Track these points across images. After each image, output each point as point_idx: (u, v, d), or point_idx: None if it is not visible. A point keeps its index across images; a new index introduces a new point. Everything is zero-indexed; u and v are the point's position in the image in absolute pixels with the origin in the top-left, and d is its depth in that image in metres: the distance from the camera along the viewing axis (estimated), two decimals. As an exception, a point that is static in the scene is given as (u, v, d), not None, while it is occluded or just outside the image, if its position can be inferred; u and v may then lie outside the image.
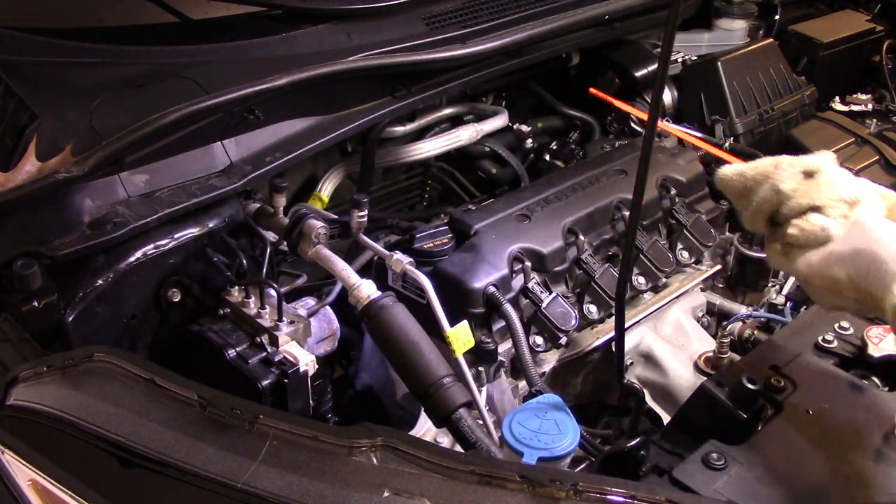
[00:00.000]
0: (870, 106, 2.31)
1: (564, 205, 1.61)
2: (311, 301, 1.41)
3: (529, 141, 2.07)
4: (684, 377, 1.53)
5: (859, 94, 2.37)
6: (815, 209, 1.03)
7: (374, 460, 0.93)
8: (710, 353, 1.55)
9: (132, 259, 1.28)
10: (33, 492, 1.05)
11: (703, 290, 1.75)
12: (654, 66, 2.12)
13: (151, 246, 1.30)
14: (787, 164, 1.06)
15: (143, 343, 1.35)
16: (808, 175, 1.05)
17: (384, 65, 1.59)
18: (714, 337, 1.65)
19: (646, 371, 1.57)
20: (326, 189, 1.74)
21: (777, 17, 2.44)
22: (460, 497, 0.89)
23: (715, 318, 1.74)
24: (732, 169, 1.12)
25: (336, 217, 1.47)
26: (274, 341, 1.28)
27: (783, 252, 1.07)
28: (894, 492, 0.97)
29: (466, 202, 1.95)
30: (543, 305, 1.45)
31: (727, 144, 1.93)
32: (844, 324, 1.26)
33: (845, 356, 1.22)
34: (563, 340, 1.51)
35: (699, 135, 1.93)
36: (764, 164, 1.09)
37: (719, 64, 2.05)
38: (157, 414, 1.00)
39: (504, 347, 1.44)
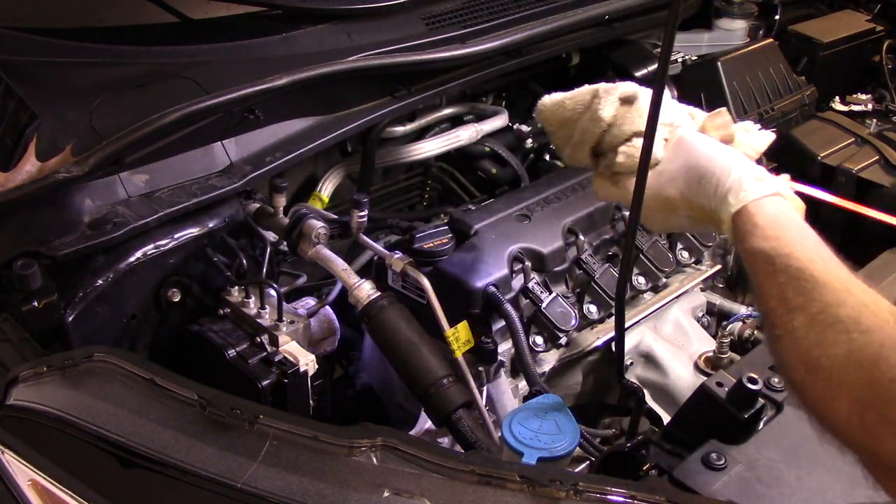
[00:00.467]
0: (870, 106, 2.31)
1: (564, 205, 1.61)
2: (311, 301, 1.41)
3: (529, 141, 2.07)
4: (684, 377, 1.53)
5: (859, 94, 2.37)
6: (639, 134, 1.05)
7: (374, 460, 0.93)
8: (710, 353, 1.55)
9: (132, 259, 1.28)
10: (33, 492, 1.05)
11: (703, 290, 1.75)
12: (654, 66, 2.12)
13: (151, 246, 1.30)
14: (603, 91, 1.08)
15: (143, 343, 1.35)
16: (626, 102, 1.08)
17: (384, 65, 1.59)
18: (714, 337, 1.65)
19: (646, 371, 1.57)
20: (326, 189, 1.74)
21: (777, 17, 2.43)
22: (460, 497, 0.89)
23: (715, 318, 1.74)
24: (550, 100, 1.15)
25: (336, 217, 1.47)
26: (274, 341, 1.28)
27: (612, 182, 1.09)
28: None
29: (466, 202, 1.95)
30: (543, 305, 1.45)
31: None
32: (844, 324, 1.26)
33: (845, 356, 1.22)
34: (563, 340, 1.51)
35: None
36: (581, 94, 1.11)
37: (719, 64, 2.04)
38: (157, 414, 1.00)
39: (504, 347, 1.44)
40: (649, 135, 0.97)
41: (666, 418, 1.45)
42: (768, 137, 1.12)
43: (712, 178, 0.98)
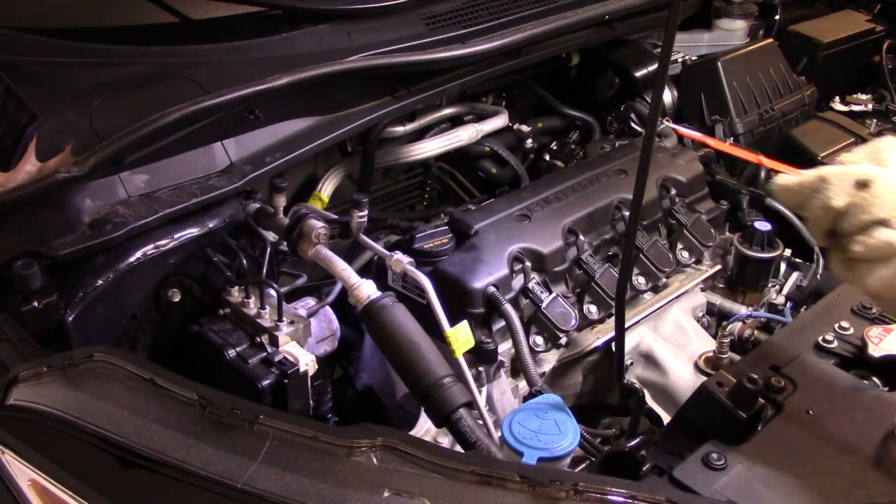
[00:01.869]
0: (870, 106, 2.31)
1: (564, 205, 1.61)
2: (311, 301, 1.41)
3: (529, 141, 2.07)
4: (684, 377, 1.53)
5: (859, 94, 2.37)
6: (881, 223, 0.96)
7: (374, 460, 0.93)
8: (710, 353, 1.55)
9: (132, 259, 1.28)
10: (33, 492, 1.05)
11: (703, 290, 1.75)
12: (654, 66, 2.12)
13: (151, 246, 1.30)
14: (835, 178, 0.99)
15: (143, 343, 1.35)
16: (862, 185, 0.98)
17: (384, 65, 1.59)
18: (714, 337, 1.65)
19: (646, 371, 1.57)
20: (326, 189, 1.74)
21: (777, 17, 2.44)
22: (460, 497, 0.89)
23: (715, 318, 1.74)
24: (780, 184, 1.06)
25: (336, 217, 1.47)
26: (274, 341, 1.28)
27: (846, 266, 1.01)
28: (894, 492, 0.97)
29: (466, 202, 1.95)
30: (543, 305, 1.45)
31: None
32: (844, 324, 1.26)
33: (845, 356, 1.22)
34: (563, 340, 1.51)
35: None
36: (809, 179, 1.02)
37: (719, 64, 2.05)
38: (157, 414, 1.00)
39: (504, 347, 1.44)
40: (648, 138, 0.97)
41: (666, 418, 1.45)
42: None
43: None
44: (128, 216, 1.29)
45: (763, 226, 1.73)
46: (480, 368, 1.41)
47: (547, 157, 2.08)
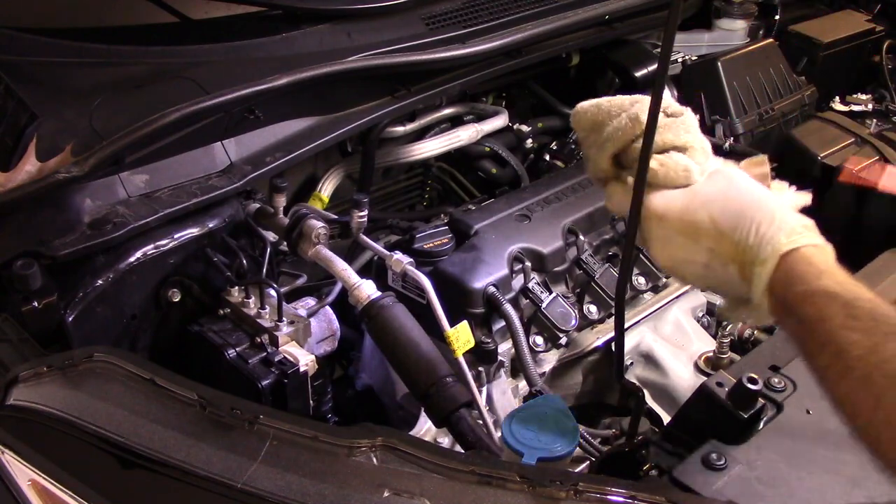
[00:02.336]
0: (870, 106, 2.31)
1: (564, 205, 1.61)
2: (311, 301, 1.41)
3: (529, 141, 2.07)
4: (684, 377, 1.53)
5: (859, 94, 2.37)
6: (679, 149, 0.98)
7: (374, 460, 0.93)
8: (710, 353, 1.55)
9: (132, 259, 1.28)
10: (33, 492, 1.05)
11: (703, 290, 1.75)
12: (654, 66, 2.12)
13: (151, 246, 1.30)
14: (647, 99, 0.99)
15: (143, 343, 1.35)
16: (670, 115, 1.00)
17: (384, 65, 1.59)
18: (714, 337, 1.65)
19: (646, 371, 1.57)
20: (326, 189, 1.74)
21: (777, 17, 2.44)
22: (460, 497, 0.89)
23: (715, 318, 1.74)
24: (588, 102, 1.06)
25: (336, 217, 1.47)
26: (274, 341, 1.28)
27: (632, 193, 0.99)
28: (894, 492, 0.97)
29: (466, 202, 1.95)
30: (543, 305, 1.45)
31: (727, 145, 1.93)
32: (844, 324, 1.26)
33: (845, 356, 1.22)
34: (563, 340, 1.51)
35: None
36: (621, 97, 1.02)
37: (719, 64, 2.04)
38: (157, 414, 1.00)
39: (504, 347, 1.44)
40: (649, 133, 0.96)
41: (666, 418, 1.45)
42: (803, 200, 0.99)
43: (755, 214, 0.90)
44: (128, 216, 1.29)
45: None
46: (480, 368, 1.41)
47: (547, 157, 2.08)
